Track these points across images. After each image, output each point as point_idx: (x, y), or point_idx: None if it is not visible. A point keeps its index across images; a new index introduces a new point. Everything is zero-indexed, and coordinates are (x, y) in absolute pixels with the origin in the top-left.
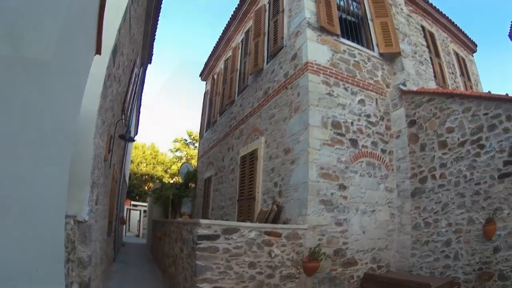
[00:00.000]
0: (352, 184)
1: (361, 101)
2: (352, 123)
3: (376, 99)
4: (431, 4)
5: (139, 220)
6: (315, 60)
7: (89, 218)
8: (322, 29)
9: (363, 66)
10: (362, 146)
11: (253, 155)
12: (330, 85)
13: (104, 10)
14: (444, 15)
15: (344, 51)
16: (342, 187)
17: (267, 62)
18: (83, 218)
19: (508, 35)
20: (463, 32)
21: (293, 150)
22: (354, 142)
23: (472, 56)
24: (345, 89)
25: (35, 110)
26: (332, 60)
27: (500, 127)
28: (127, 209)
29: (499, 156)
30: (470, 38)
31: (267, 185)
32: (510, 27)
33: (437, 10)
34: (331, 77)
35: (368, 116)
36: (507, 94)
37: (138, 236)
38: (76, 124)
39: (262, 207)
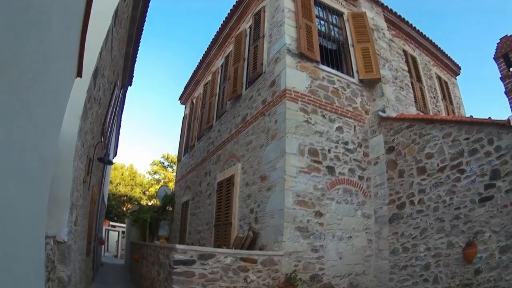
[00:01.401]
0: (328, 211)
1: (339, 128)
2: (329, 150)
3: (355, 126)
4: (415, 27)
5: (118, 241)
6: (293, 87)
7: (68, 239)
8: (302, 56)
9: (342, 93)
10: (339, 173)
11: (229, 181)
12: (308, 112)
13: (86, 34)
14: (428, 38)
15: (323, 77)
16: (319, 214)
17: (246, 88)
18: (63, 238)
19: (494, 57)
20: (447, 55)
21: (270, 177)
22: (331, 170)
23: (456, 78)
24: (323, 116)
25: (17, 132)
26: (311, 87)
27: (482, 151)
28: (105, 229)
29: (480, 180)
30: (453, 61)
31: (243, 211)
32: (496, 49)
33: (420, 34)
34: (309, 104)
35: (346, 143)
36: (489, 118)
37: (116, 256)
38: (56, 146)
39: (238, 233)
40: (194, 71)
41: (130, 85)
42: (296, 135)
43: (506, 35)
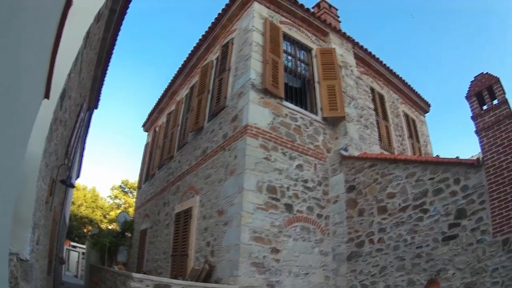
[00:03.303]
0: (285, 248)
1: (299, 166)
2: (288, 188)
3: (315, 164)
4: (384, 65)
5: (78, 261)
6: (255, 124)
7: (30, 257)
8: (266, 91)
9: (304, 130)
10: (297, 211)
11: (187, 213)
12: (268, 149)
13: (56, 55)
14: (397, 75)
15: (286, 115)
16: (275, 250)
17: (208, 121)
18: (25, 257)
19: (466, 96)
20: (416, 92)
21: (227, 212)
22: (289, 207)
23: (424, 116)
24: (284, 153)
25: None
26: (272, 124)
27: (447, 190)
28: (66, 249)
29: (444, 219)
30: (423, 99)
31: (200, 243)
32: (469, 87)
33: (390, 71)
34: (270, 141)
35: (306, 181)
36: (457, 157)
37: (76, 276)
38: (21, 167)
39: (194, 265)
40: (159, 99)
41: (96, 108)
42: (255, 172)
43: (482, 73)
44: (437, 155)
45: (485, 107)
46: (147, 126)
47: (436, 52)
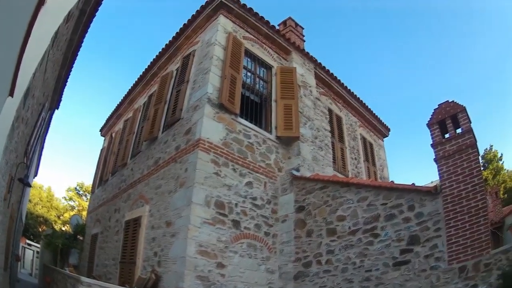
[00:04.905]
0: (231, 263)
1: (249, 184)
2: (236, 204)
3: (265, 182)
4: (346, 87)
5: (33, 260)
6: (208, 138)
7: None
8: (221, 107)
9: (257, 148)
10: (245, 227)
11: (137, 222)
12: (219, 164)
13: (23, 54)
14: (358, 98)
15: (240, 131)
16: (221, 265)
17: (163, 131)
18: None
19: (427, 124)
20: (376, 116)
21: (175, 224)
22: (236, 223)
23: (383, 140)
24: (234, 170)
25: None
26: (225, 139)
27: (400, 216)
28: (22, 246)
29: (395, 244)
30: (382, 123)
31: (147, 253)
32: (432, 115)
33: (351, 94)
34: (221, 157)
35: (254, 198)
36: (413, 184)
37: (31, 274)
38: None
39: (141, 274)
40: (117, 105)
41: (57, 109)
42: (204, 186)
43: (447, 101)
44: (391, 181)
45: (447, 135)
46: (104, 130)
47: (402, 77)
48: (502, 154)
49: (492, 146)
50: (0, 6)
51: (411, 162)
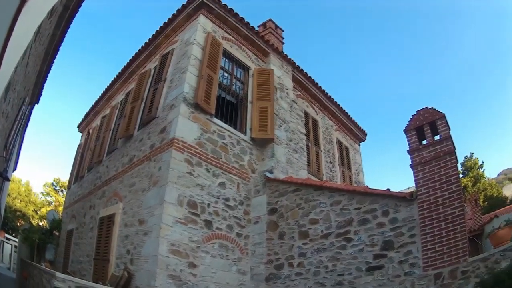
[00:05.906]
0: (202, 263)
1: (222, 184)
2: (208, 204)
3: (238, 184)
4: (323, 90)
5: (11, 254)
6: (182, 137)
7: None
8: (197, 106)
9: (231, 149)
10: (217, 228)
11: (110, 219)
12: (193, 164)
13: (6, 48)
14: (335, 102)
15: (214, 131)
16: (192, 265)
17: (138, 129)
18: None
19: (404, 130)
20: (353, 120)
21: (147, 223)
22: (208, 224)
23: (359, 145)
24: (207, 170)
25: None
26: (199, 139)
27: (374, 221)
28: (1, 240)
29: (368, 249)
30: (359, 127)
31: (120, 250)
32: (409, 121)
33: (328, 97)
34: (194, 156)
35: (227, 199)
36: (388, 189)
37: (9, 269)
38: None
39: (114, 271)
40: (95, 101)
41: (38, 103)
42: (177, 185)
43: (426, 107)
44: (366, 186)
45: (424, 142)
46: (82, 126)
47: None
48: (483, 162)
49: (472, 153)
50: None
51: (388, 168)
